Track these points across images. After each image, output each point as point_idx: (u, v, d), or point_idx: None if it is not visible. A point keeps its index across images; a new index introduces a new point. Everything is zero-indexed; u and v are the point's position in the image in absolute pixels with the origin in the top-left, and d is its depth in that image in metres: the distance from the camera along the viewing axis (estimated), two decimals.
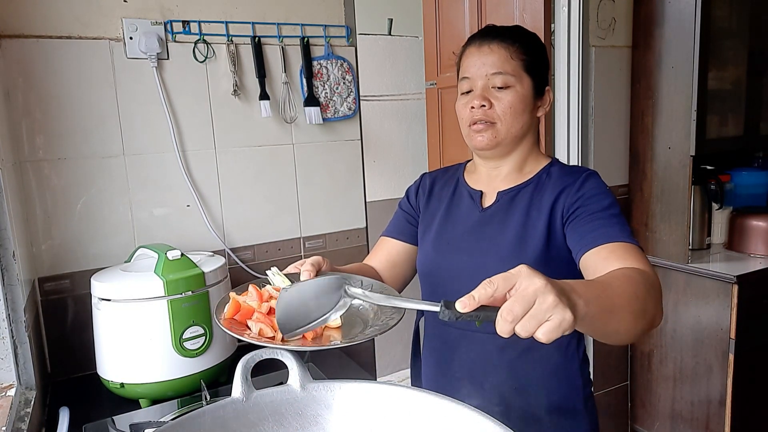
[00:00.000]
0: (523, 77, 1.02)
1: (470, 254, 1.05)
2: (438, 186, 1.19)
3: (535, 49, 1.05)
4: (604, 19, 2.15)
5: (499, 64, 1.01)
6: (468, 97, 1.05)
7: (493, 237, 1.04)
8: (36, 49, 1.36)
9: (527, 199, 1.04)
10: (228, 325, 0.76)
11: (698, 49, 1.99)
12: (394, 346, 3.35)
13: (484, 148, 1.05)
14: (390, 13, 3.07)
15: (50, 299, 1.42)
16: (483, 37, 1.05)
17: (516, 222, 1.03)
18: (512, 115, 1.02)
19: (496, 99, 1.02)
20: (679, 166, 2.11)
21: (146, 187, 1.51)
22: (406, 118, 3.18)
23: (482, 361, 1.06)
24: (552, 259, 1.00)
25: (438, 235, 1.12)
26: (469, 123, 1.05)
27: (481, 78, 1.03)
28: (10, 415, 1.01)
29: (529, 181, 1.07)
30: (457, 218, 1.11)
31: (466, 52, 1.07)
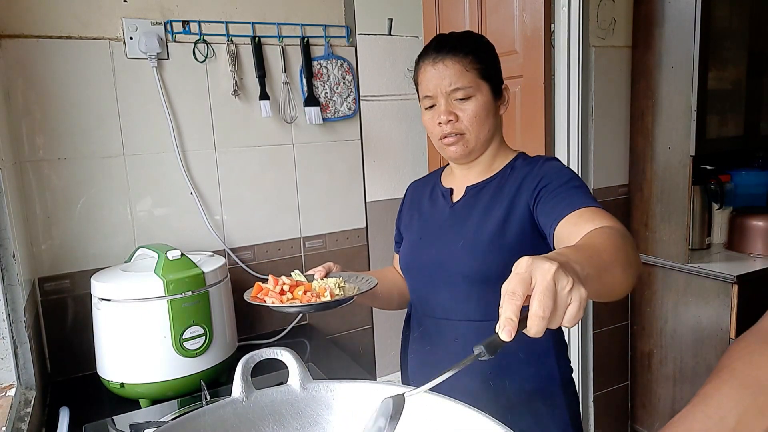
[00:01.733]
0: (481, 85, 1.07)
1: (437, 247, 1.11)
2: (417, 192, 1.27)
3: (486, 55, 1.09)
4: (604, 19, 2.14)
5: (456, 79, 1.05)
6: (432, 113, 1.10)
7: (457, 228, 1.10)
8: (36, 49, 1.36)
9: (491, 192, 1.10)
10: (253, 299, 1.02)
11: (698, 49, 1.99)
12: (394, 346, 3.35)
13: (458, 158, 1.11)
14: (390, 13, 3.07)
15: (50, 299, 1.42)
16: (437, 52, 1.08)
17: (478, 213, 1.09)
18: (478, 123, 1.07)
19: (461, 111, 1.07)
20: (679, 166, 2.11)
21: (146, 187, 1.51)
22: (406, 118, 3.18)
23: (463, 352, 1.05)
24: (509, 244, 1.03)
25: (414, 234, 1.20)
26: (439, 137, 1.10)
27: (441, 94, 1.07)
28: (10, 415, 1.01)
29: (494, 176, 1.12)
30: (431, 216, 1.18)
31: (422, 68, 1.11)
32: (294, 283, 1.05)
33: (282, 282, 1.03)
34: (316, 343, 1.67)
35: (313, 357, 1.55)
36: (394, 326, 3.54)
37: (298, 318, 1.76)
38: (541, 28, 2.07)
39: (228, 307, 1.41)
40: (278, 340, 1.67)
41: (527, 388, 1.07)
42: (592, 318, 2.31)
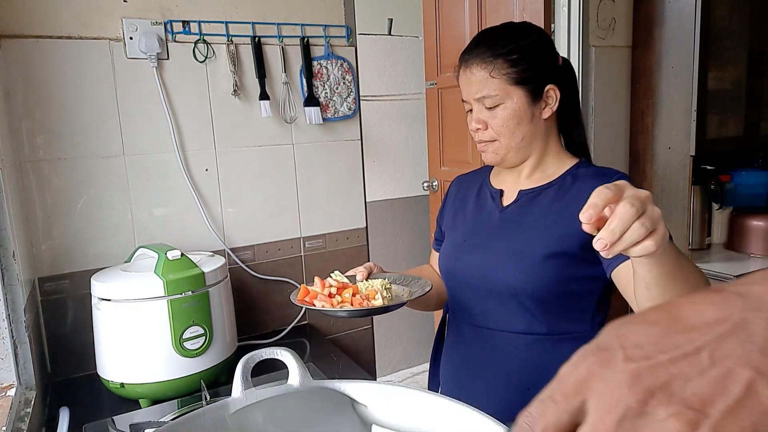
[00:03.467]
0: (510, 91, 1.00)
1: (484, 252, 1.06)
2: (463, 188, 1.21)
3: (522, 55, 1.00)
4: (604, 19, 2.14)
5: (480, 87, 1.01)
6: (469, 117, 1.07)
7: (508, 236, 1.04)
8: (36, 49, 1.36)
9: (548, 201, 1.03)
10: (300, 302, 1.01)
11: (698, 49, 1.99)
12: (394, 347, 3.35)
13: (491, 163, 1.09)
14: (390, 13, 3.07)
15: (50, 299, 1.42)
16: (467, 56, 1.04)
17: (533, 222, 1.02)
18: (509, 131, 1.02)
19: (490, 118, 1.02)
20: (679, 166, 2.11)
21: (146, 187, 1.51)
22: (406, 118, 3.18)
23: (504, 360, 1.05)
24: (561, 261, 0.98)
25: (458, 235, 1.14)
26: (476, 141, 1.07)
27: (472, 101, 1.04)
28: (10, 415, 1.01)
29: (552, 183, 1.05)
30: (479, 218, 1.12)
31: (459, 73, 1.07)
32: (341, 285, 1.01)
33: (329, 284, 1.01)
34: (316, 343, 1.67)
35: (313, 357, 1.55)
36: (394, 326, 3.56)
37: (298, 318, 1.76)
38: None
39: (228, 307, 1.41)
40: (278, 340, 1.67)
41: None
42: None
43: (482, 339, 1.07)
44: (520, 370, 1.01)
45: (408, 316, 3.34)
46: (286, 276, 1.74)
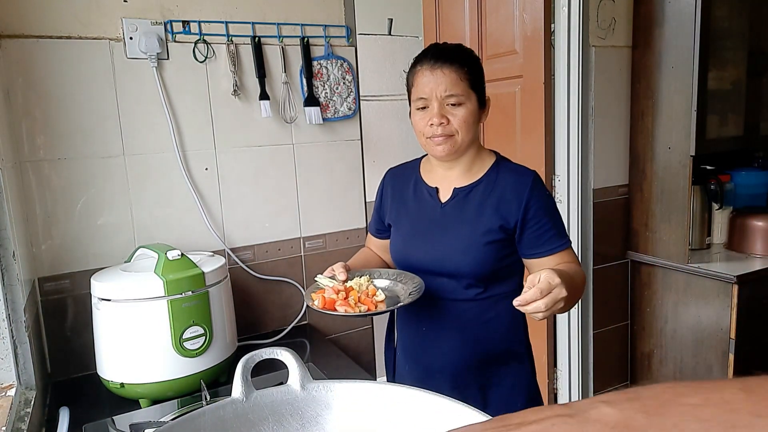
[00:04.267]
0: (471, 94, 1.19)
1: (433, 245, 1.23)
2: (398, 183, 1.36)
3: (477, 69, 1.21)
4: (604, 19, 2.15)
5: (451, 86, 1.16)
6: (424, 113, 1.20)
7: (452, 229, 1.23)
8: (36, 49, 1.36)
9: (479, 196, 1.23)
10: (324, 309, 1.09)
11: (698, 49, 1.99)
12: None
13: (444, 157, 1.22)
14: (390, 13, 3.07)
15: (50, 299, 1.42)
16: (435, 59, 1.18)
17: (471, 216, 1.22)
18: (466, 128, 1.19)
19: (452, 115, 1.18)
20: (679, 166, 2.11)
21: (146, 187, 1.51)
22: (406, 118, 3.16)
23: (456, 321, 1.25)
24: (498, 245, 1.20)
25: (405, 229, 1.30)
26: (427, 136, 1.21)
27: (436, 98, 1.17)
28: (10, 415, 1.01)
29: (480, 180, 1.24)
30: (422, 213, 1.28)
31: (419, 72, 1.20)
32: (345, 289, 1.14)
33: (338, 289, 1.13)
34: (316, 343, 1.67)
35: (313, 357, 1.56)
36: None
37: (299, 318, 1.76)
38: (541, 28, 2.07)
39: (228, 307, 1.41)
40: (278, 340, 1.67)
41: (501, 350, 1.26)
42: (592, 318, 2.31)
43: (437, 309, 1.26)
44: (471, 327, 1.24)
45: None
46: (286, 276, 1.74)
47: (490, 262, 1.20)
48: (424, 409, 0.70)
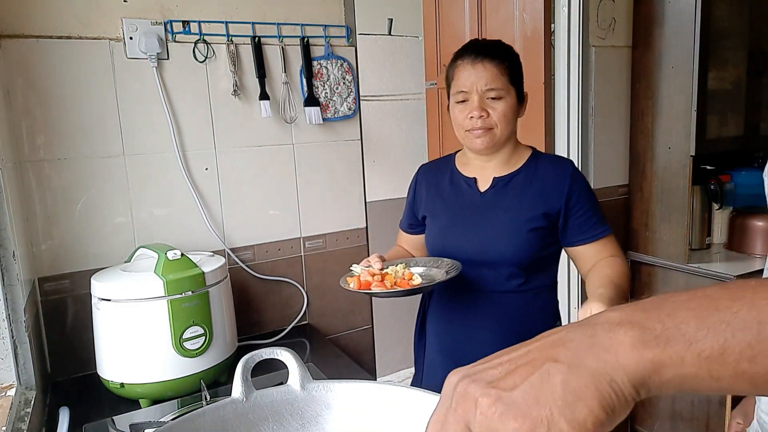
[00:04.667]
0: (510, 89, 1.21)
1: (474, 233, 1.25)
2: (433, 176, 1.38)
3: (516, 64, 1.24)
4: (604, 19, 2.14)
5: (492, 80, 1.19)
6: (464, 106, 1.22)
7: (494, 216, 1.24)
8: (36, 49, 1.35)
9: (520, 185, 1.25)
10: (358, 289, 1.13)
11: (698, 49, 1.98)
12: (394, 347, 3.35)
13: (482, 150, 1.24)
14: (390, 13, 3.07)
15: (50, 299, 1.42)
16: (476, 54, 1.21)
17: (513, 203, 1.23)
18: (505, 122, 1.21)
19: (492, 108, 1.20)
20: (679, 166, 2.11)
21: (146, 187, 1.51)
22: (406, 118, 3.17)
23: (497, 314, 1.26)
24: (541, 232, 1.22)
25: (443, 218, 1.31)
26: (466, 128, 1.22)
27: (476, 92, 1.19)
28: (10, 415, 1.01)
29: (519, 170, 1.26)
30: (459, 202, 1.29)
31: (460, 66, 1.23)
32: (381, 274, 1.16)
33: (374, 272, 1.16)
34: (316, 343, 1.67)
35: (313, 357, 1.56)
36: (394, 326, 3.56)
37: (299, 318, 1.76)
38: (541, 28, 2.07)
39: (228, 307, 1.41)
40: (278, 340, 1.67)
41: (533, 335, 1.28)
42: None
43: (475, 301, 1.26)
44: (510, 320, 1.24)
45: (408, 316, 3.34)
46: (286, 276, 1.74)
47: (533, 249, 1.22)
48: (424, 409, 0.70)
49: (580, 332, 0.34)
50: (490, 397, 0.33)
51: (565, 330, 0.36)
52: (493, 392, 0.33)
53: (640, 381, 0.33)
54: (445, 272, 1.17)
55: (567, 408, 0.31)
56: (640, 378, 0.33)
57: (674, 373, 0.33)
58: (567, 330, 0.35)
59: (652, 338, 0.33)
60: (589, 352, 0.33)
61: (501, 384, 0.34)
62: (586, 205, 1.23)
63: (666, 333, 0.33)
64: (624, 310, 0.35)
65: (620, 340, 0.33)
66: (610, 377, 0.32)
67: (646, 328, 0.33)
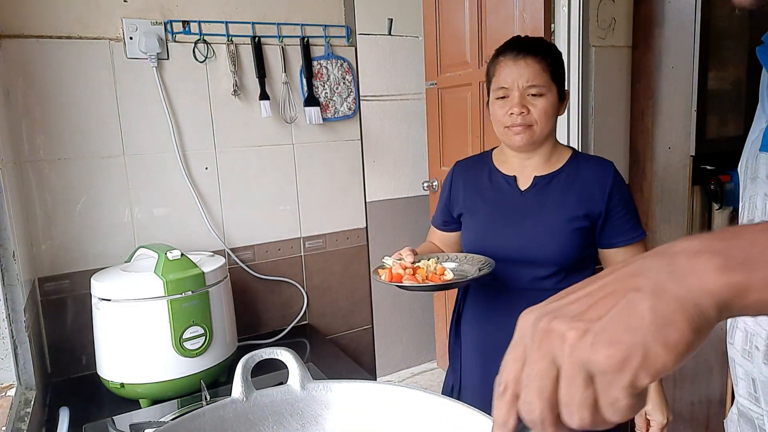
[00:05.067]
0: (552, 86, 1.21)
1: (515, 231, 1.24)
2: (471, 174, 1.36)
3: (558, 61, 1.24)
4: (604, 19, 2.15)
5: (534, 77, 1.19)
6: (504, 102, 1.21)
7: (536, 214, 1.24)
8: (36, 49, 1.36)
9: (562, 184, 1.24)
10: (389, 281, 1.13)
11: (698, 49, 1.99)
12: (394, 347, 3.35)
13: (521, 147, 1.23)
14: (390, 13, 3.07)
15: (50, 299, 1.42)
16: (518, 51, 1.20)
17: (556, 202, 1.23)
18: (546, 119, 1.21)
19: (532, 105, 1.20)
20: (679, 166, 2.11)
21: (146, 187, 1.51)
22: (406, 118, 3.18)
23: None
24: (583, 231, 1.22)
25: (482, 216, 1.30)
26: (506, 125, 1.22)
27: (517, 88, 1.19)
28: (10, 415, 1.01)
29: (561, 169, 1.26)
30: (499, 200, 1.29)
31: (502, 62, 1.23)
32: (413, 268, 1.16)
33: (406, 265, 1.16)
34: (316, 343, 1.67)
35: (313, 357, 1.56)
36: (394, 326, 3.56)
37: (299, 318, 1.76)
38: (541, 28, 2.07)
39: (228, 307, 1.41)
40: (278, 340, 1.67)
41: None
42: None
43: (513, 299, 1.25)
44: None
45: (408, 316, 3.34)
46: (286, 276, 1.74)
47: (575, 249, 1.22)
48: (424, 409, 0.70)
49: (657, 261, 0.35)
50: (578, 330, 0.33)
51: (639, 260, 0.36)
52: (581, 325, 0.33)
53: (725, 304, 0.34)
54: (478, 269, 1.16)
55: (660, 332, 0.32)
56: (724, 301, 0.33)
57: (758, 297, 0.33)
58: (641, 260, 0.36)
59: (737, 264, 0.33)
60: (671, 278, 0.34)
61: (586, 316, 0.34)
62: (625, 208, 1.24)
63: (750, 259, 0.33)
64: (701, 240, 0.35)
65: (704, 266, 0.34)
66: (695, 301, 0.33)
67: (729, 256, 0.34)
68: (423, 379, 3.32)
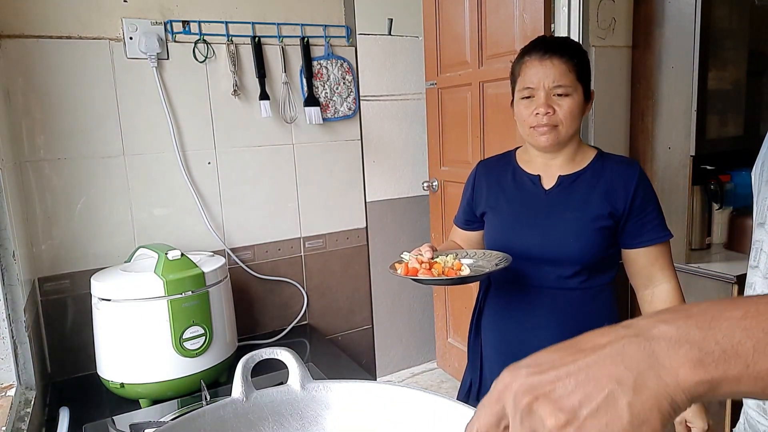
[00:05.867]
0: (577, 86, 1.21)
1: (539, 230, 1.24)
2: (493, 173, 1.36)
3: (584, 61, 1.24)
4: (604, 19, 2.14)
5: (559, 77, 1.18)
6: (530, 102, 1.21)
7: (560, 213, 1.24)
8: (36, 49, 1.36)
9: (586, 183, 1.24)
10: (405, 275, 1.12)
11: (698, 49, 1.99)
12: (394, 347, 3.35)
13: (547, 147, 1.23)
14: (390, 13, 3.07)
15: (50, 299, 1.42)
16: (544, 51, 1.20)
17: (580, 201, 1.23)
18: (571, 119, 1.20)
19: (558, 105, 1.19)
20: (679, 166, 2.11)
21: (146, 187, 1.51)
22: (406, 118, 3.18)
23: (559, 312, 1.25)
24: (608, 230, 1.22)
25: (506, 215, 1.30)
26: (531, 125, 1.21)
27: (543, 89, 1.19)
28: (10, 415, 1.01)
29: (586, 168, 1.26)
30: (524, 199, 1.29)
31: (527, 62, 1.22)
32: (429, 263, 1.16)
33: (422, 260, 1.16)
34: (316, 343, 1.67)
35: (313, 357, 1.56)
36: (394, 326, 3.56)
37: (299, 318, 1.76)
38: (541, 28, 2.07)
39: (228, 307, 1.41)
40: (278, 340, 1.67)
41: None
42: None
43: (535, 299, 1.25)
44: (571, 318, 1.24)
45: (408, 316, 3.34)
46: (286, 276, 1.74)
47: (599, 248, 1.21)
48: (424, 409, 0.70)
49: (638, 347, 0.36)
50: (560, 420, 0.35)
51: (619, 342, 0.37)
52: (562, 416, 0.35)
53: (697, 397, 0.35)
54: (495, 264, 1.17)
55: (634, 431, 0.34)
56: (697, 395, 0.35)
57: (730, 390, 0.35)
58: (622, 342, 0.36)
59: (711, 361, 0.35)
60: (651, 372, 0.35)
61: (567, 404, 0.35)
62: (649, 208, 1.23)
63: (724, 355, 0.35)
64: (678, 326, 0.36)
65: (681, 361, 0.35)
66: (671, 397, 0.35)
67: (704, 351, 0.35)
68: (423, 379, 3.32)
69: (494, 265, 1.16)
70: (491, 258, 1.21)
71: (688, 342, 0.35)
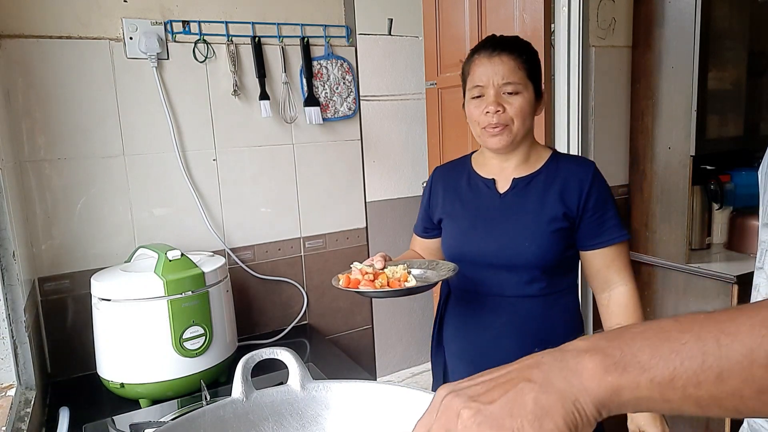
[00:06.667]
0: (528, 84, 1.18)
1: (494, 236, 1.22)
2: (450, 178, 1.34)
3: (534, 59, 1.21)
4: (604, 19, 2.14)
5: (509, 74, 1.16)
6: (480, 102, 1.19)
7: (515, 217, 1.21)
8: (36, 49, 1.36)
9: (541, 185, 1.21)
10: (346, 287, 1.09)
11: (698, 49, 1.98)
12: (394, 347, 3.35)
13: (499, 148, 1.20)
14: (390, 13, 3.07)
15: (50, 299, 1.42)
16: (493, 48, 1.18)
17: (535, 204, 1.20)
18: (522, 117, 1.17)
19: (508, 104, 1.17)
20: (679, 166, 2.11)
21: (146, 187, 1.51)
22: (406, 118, 3.18)
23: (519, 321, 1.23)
24: (564, 232, 1.19)
25: (461, 221, 1.27)
26: (483, 125, 1.19)
27: (492, 86, 1.17)
28: (10, 415, 1.01)
29: (540, 170, 1.23)
30: (479, 204, 1.26)
31: (476, 61, 1.20)
32: (374, 273, 1.12)
33: (366, 271, 1.12)
34: (316, 343, 1.67)
35: (313, 357, 1.56)
36: (394, 326, 3.56)
37: (299, 318, 1.76)
38: (541, 28, 2.07)
39: (228, 307, 1.41)
40: (278, 340, 1.67)
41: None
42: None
43: (494, 307, 1.23)
44: (533, 324, 1.21)
45: (408, 316, 3.34)
46: (286, 276, 1.74)
47: (556, 251, 1.19)
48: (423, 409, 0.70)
49: (552, 357, 0.40)
50: (471, 409, 0.38)
51: (541, 355, 0.41)
52: (474, 405, 0.39)
53: (601, 402, 0.38)
54: (441, 275, 1.13)
55: (536, 421, 0.36)
56: (601, 399, 0.38)
57: (631, 396, 0.37)
58: (542, 355, 0.41)
59: (612, 364, 0.38)
60: (559, 374, 0.38)
61: (481, 399, 0.39)
62: (604, 207, 1.20)
63: (624, 360, 0.38)
64: (590, 339, 0.41)
65: (585, 366, 0.38)
66: (575, 397, 0.37)
67: (607, 355, 0.38)
68: (423, 379, 3.32)
69: (441, 275, 1.12)
70: (440, 268, 1.17)
71: (595, 350, 0.39)
